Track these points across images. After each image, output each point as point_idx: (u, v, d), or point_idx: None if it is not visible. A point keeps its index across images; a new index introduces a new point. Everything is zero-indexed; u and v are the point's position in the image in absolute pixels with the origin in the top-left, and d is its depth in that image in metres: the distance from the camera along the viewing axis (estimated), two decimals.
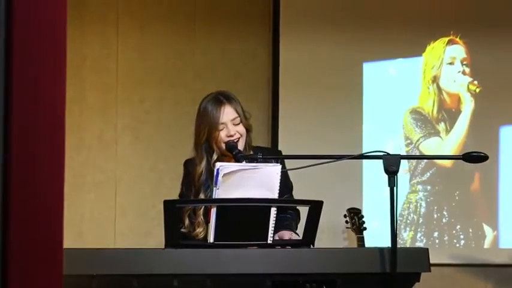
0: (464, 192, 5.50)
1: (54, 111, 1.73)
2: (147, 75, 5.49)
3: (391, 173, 2.99)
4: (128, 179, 5.44)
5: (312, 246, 3.09)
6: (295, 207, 3.68)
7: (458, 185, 5.51)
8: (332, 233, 5.19)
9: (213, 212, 3.00)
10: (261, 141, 4.98)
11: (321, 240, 3.69)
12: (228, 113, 3.54)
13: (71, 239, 4.90)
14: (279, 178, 3.11)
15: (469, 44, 5.56)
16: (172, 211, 3.01)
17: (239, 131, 3.55)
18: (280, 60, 5.47)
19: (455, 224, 5.49)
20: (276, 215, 3.06)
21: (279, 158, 3.58)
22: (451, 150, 5.50)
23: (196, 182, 3.56)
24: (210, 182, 3.47)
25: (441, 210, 5.49)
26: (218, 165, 3.07)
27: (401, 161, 3.03)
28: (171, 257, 2.89)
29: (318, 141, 5.39)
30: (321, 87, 5.49)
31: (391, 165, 3.00)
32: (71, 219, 5.18)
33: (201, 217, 3.49)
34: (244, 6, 5.58)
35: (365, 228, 4.93)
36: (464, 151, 3.88)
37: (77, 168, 5.33)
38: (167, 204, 2.97)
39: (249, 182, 3.07)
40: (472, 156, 3.15)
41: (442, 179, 5.51)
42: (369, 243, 4.84)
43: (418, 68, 5.56)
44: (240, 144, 3.53)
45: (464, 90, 5.55)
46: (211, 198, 3.16)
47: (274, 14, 5.52)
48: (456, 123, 5.54)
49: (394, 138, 5.51)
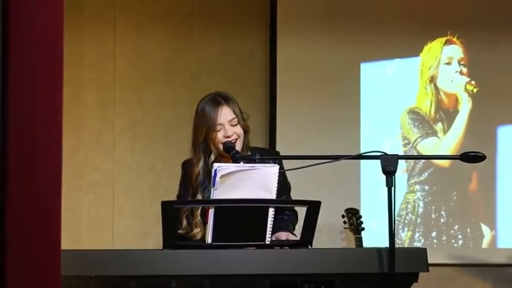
0: (462, 192, 5.51)
1: (52, 111, 1.72)
2: (144, 75, 5.49)
3: (389, 173, 2.99)
4: (126, 180, 5.43)
5: (310, 247, 3.08)
6: (292, 208, 3.68)
7: (456, 185, 5.51)
8: (330, 233, 5.18)
9: (211, 212, 3.00)
10: (258, 141, 4.98)
11: (319, 241, 3.68)
12: (225, 114, 3.54)
13: (69, 240, 4.89)
14: (277, 179, 3.10)
15: (466, 44, 5.56)
16: (170, 212, 3.00)
17: (236, 132, 3.54)
18: (277, 60, 5.47)
19: (453, 224, 5.49)
20: (274, 216, 3.06)
21: (276, 158, 3.58)
22: (448, 150, 5.50)
23: (193, 182, 3.55)
24: (207, 182, 3.47)
25: (439, 210, 5.49)
26: (216, 166, 3.07)
27: (399, 161, 3.03)
28: (169, 257, 2.89)
29: (315, 142, 5.39)
30: (319, 88, 5.49)
31: (389, 165, 3.00)
32: (68, 220, 5.17)
33: (198, 218, 3.48)
34: (241, 6, 5.58)
35: (363, 229, 4.93)
36: (461, 151, 3.87)
37: (75, 169, 5.33)
38: (165, 205, 2.96)
39: (246, 182, 3.06)
40: (469, 156, 3.15)
41: (439, 179, 5.51)
42: (367, 244, 4.84)
43: (416, 68, 5.56)
44: (238, 145, 3.53)
45: (461, 90, 5.55)
46: (209, 199, 3.16)
47: (272, 14, 5.52)
48: (454, 123, 5.54)
49: (392, 139, 5.51)
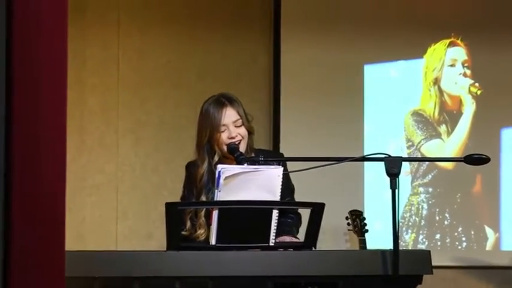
0: (466, 194, 5.50)
1: (56, 114, 1.73)
2: (148, 77, 5.49)
3: (393, 175, 2.99)
4: (130, 181, 5.44)
5: (313, 249, 3.08)
6: (296, 210, 3.68)
7: (459, 187, 5.50)
8: (334, 235, 5.18)
9: (215, 214, 3.00)
10: (262, 143, 4.97)
11: (323, 243, 3.69)
12: (229, 115, 3.55)
13: (73, 242, 4.89)
14: (281, 180, 3.11)
15: (470, 46, 5.56)
16: (174, 213, 3.01)
17: (240, 133, 3.55)
18: (281, 62, 5.47)
19: (457, 226, 5.48)
20: (277, 218, 3.06)
21: (280, 160, 3.58)
22: (452, 152, 5.50)
23: (198, 183, 3.56)
24: (211, 183, 3.47)
25: (443, 212, 5.49)
26: (220, 167, 3.07)
27: (402, 163, 3.03)
28: (173, 259, 2.89)
29: (319, 143, 5.38)
30: (322, 89, 5.49)
31: (393, 167, 3.00)
32: (72, 221, 5.17)
33: (202, 219, 3.49)
34: (245, 8, 5.58)
35: (367, 231, 4.93)
36: (465, 153, 3.88)
37: (79, 171, 5.33)
38: (169, 206, 2.97)
39: (250, 184, 3.07)
40: (473, 158, 3.15)
41: (443, 181, 5.51)
42: (370, 246, 4.84)
43: (419, 70, 5.56)
44: (242, 146, 3.53)
45: (465, 93, 5.55)
46: (213, 200, 3.16)
47: (275, 15, 5.52)
48: (457, 125, 5.54)
49: (396, 141, 5.51)
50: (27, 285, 1.63)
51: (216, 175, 3.06)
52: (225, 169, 3.06)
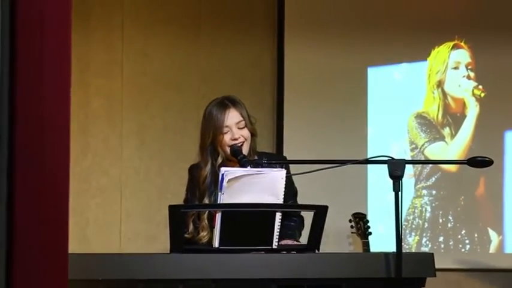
0: (470, 196, 5.50)
1: (59, 116, 1.73)
2: (152, 80, 5.50)
3: (396, 177, 2.99)
4: (133, 184, 5.44)
5: (317, 251, 3.09)
6: (299, 213, 3.68)
7: (463, 190, 5.50)
8: (337, 237, 5.18)
9: (218, 216, 3.00)
10: (265, 145, 4.98)
11: (326, 245, 3.69)
12: (232, 117, 3.55)
13: (76, 244, 4.90)
14: (284, 183, 3.11)
15: (474, 48, 5.56)
16: (178, 216, 3.01)
17: (244, 135, 3.55)
18: (285, 64, 5.47)
19: (461, 228, 5.48)
20: (281, 220, 3.06)
21: (283, 163, 3.58)
22: (456, 155, 5.50)
23: (200, 185, 3.56)
24: (214, 185, 3.48)
25: (446, 215, 5.49)
26: (223, 170, 3.08)
27: (406, 165, 3.03)
28: (176, 261, 2.90)
29: (322, 146, 5.39)
30: (326, 92, 5.49)
31: (396, 170, 3.00)
32: (76, 224, 5.18)
33: (205, 221, 3.49)
34: (249, 10, 5.59)
35: (370, 233, 4.93)
36: (469, 156, 3.89)
37: (82, 173, 5.34)
38: (172, 209, 2.97)
39: (253, 187, 3.07)
40: (477, 160, 3.15)
41: (447, 183, 5.51)
42: (374, 248, 4.84)
43: (423, 72, 5.56)
44: (245, 148, 3.53)
45: (469, 95, 5.55)
46: (216, 203, 3.16)
47: (279, 18, 5.53)
48: (461, 128, 5.54)
49: (399, 143, 5.51)
50: None
51: (220, 178, 3.06)
52: (229, 172, 3.06)
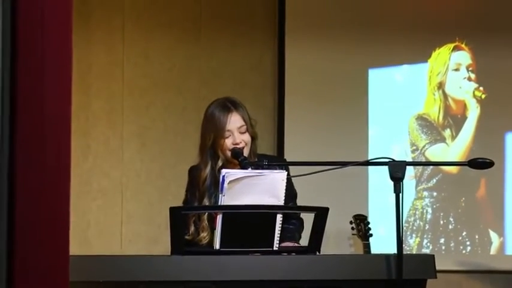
0: (470, 198, 5.50)
1: (60, 118, 1.73)
2: (152, 82, 5.50)
3: (397, 179, 2.99)
4: (134, 186, 5.44)
5: (318, 253, 3.09)
6: (298, 216, 3.68)
7: (464, 191, 5.50)
8: (338, 239, 5.18)
9: (219, 218, 3.00)
10: (266, 147, 4.98)
11: (327, 247, 3.68)
12: (235, 121, 3.54)
13: (77, 246, 4.90)
14: (285, 185, 3.11)
15: (475, 50, 5.55)
16: (178, 218, 3.01)
17: (245, 139, 3.54)
18: (285, 67, 5.48)
19: (462, 230, 5.48)
20: (281, 222, 3.06)
21: (284, 164, 3.58)
22: (457, 157, 5.49)
23: (200, 187, 3.56)
24: (214, 187, 3.48)
25: (447, 216, 5.48)
26: (224, 172, 3.08)
27: (407, 167, 3.03)
28: (177, 263, 2.90)
29: (323, 147, 5.39)
30: (327, 94, 5.49)
31: (397, 171, 3.00)
32: (77, 226, 5.18)
33: (205, 222, 3.49)
34: (249, 13, 5.59)
35: (371, 235, 4.93)
36: (470, 157, 3.88)
37: (83, 175, 5.34)
38: (173, 211, 2.97)
39: (254, 188, 3.07)
40: (477, 162, 3.15)
41: (448, 185, 5.50)
42: (374, 250, 4.84)
43: (424, 74, 5.56)
44: (245, 152, 3.53)
45: (469, 97, 5.55)
46: (217, 204, 3.16)
47: (280, 20, 5.53)
48: (462, 130, 5.53)
49: (400, 145, 5.51)
50: None
51: (220, 179, 3.06)
52: (229, 173, 3.06)
